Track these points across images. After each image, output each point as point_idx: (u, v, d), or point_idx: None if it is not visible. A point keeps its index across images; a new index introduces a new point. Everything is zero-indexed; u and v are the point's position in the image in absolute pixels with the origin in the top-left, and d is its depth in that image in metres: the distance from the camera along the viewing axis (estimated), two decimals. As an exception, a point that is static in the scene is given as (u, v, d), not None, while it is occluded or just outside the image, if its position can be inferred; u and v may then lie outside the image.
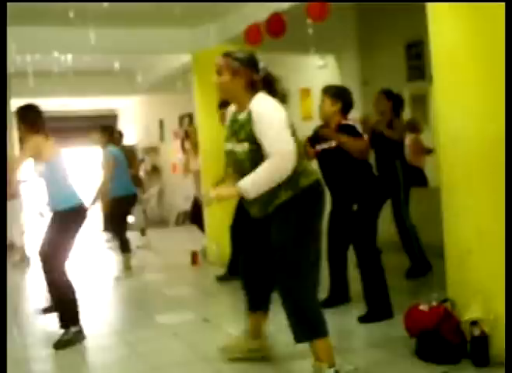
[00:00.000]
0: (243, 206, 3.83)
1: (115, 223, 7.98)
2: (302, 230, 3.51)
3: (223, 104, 5.48)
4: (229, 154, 3.64)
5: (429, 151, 7.68)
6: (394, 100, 6.39)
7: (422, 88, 7.56)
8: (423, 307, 3.94)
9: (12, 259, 8.69)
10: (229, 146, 3.63)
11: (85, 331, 4.87)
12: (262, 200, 3.50)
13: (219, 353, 4.07)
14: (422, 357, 3.84)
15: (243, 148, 3.50)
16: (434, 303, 3.93)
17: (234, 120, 3.65)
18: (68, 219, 4.85)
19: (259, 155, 3.43)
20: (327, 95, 4.98)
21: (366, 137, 5.05)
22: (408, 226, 6.23)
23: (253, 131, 3.41)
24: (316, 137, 5.09)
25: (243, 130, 3.49)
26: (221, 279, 6.72)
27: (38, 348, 4.81)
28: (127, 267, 7.75)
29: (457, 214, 3.88)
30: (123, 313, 5.95)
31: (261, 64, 3.62)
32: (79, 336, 4.77)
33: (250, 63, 3.58)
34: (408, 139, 7.45)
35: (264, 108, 3.44)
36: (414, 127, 7.84)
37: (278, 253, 3.52)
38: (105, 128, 8.07)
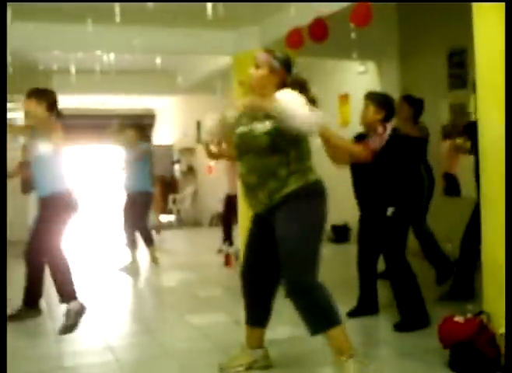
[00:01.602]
0: None
1: (135, 218, 7.97)
2: (310, 221, 3.53)
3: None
4: (241, 135, 3.66)
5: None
6: (416, 106, 6.31)
7: (463, 97, 7.48)
8: (458, 318, 3.88)
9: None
10: (243, 128, 3.66)
11: (115, 326, 4.90)
12: (269, 188, 3.52)
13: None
14: (456, 369, 3.78)
15: (264, 126, 3.53)
16: (469, 315, 3.87)
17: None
18: (57, 203, 4.95)
19: (276, 138, 3.47)
20: (371, 102, 4.93)
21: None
22: (426, 230, 6.16)
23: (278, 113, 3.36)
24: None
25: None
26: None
27: (69, 345, 4.85)
28: (154, 260, 7.83)
29: (495, 225, 3.82)
30: (155, 312, 5.97)
31: (295, 69, 3.73)
32: (81, 313, 4.87)
33: (287, 65, 3.70)
34: (444, 146, 7.37)
35: (288, 95, 3.46)
36: (450, 134, 7.74)
37: (285, 244, 3.50)
38: (138, 127, 8.14)
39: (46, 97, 5.10)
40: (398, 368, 4.00)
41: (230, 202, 8.90)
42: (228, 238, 8.83)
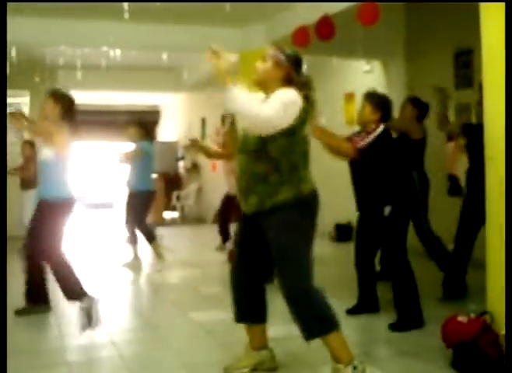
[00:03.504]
0: None
1: (135, 215, 7.98)
2: (302, 232, 3.53)
3: None
4: (244, 131, 3.67)
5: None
6: (421, 108, 6.24)
7: (469, 97, 7.46)
8: (462, 318, 3.88)
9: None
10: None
11: (119, 322, 4.90)
12: (262, 192, 3.50)
13: None
14: (459, 368, 3.78)
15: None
16: (473, 315, 3.87)
17: None
18: (56, 208, 4.97)
19: (265, 145, 3.46)
20: (369, 102, 4.94)
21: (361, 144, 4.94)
22: (429, 234, 6.14)
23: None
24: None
25: None
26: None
27: (72, 340, 4.86)
28: (159, 256, 7.84)
29: (500, 225, 3.81)
30: (158, 308, 5.98)
31: (305, 69, 3.68)
32: (94, 305, 4.83)
33: (295, 62, 3.65)
34: (448, 147, 7.35)
35: (283, 91, 3.47)
36: (453, 135, 7.73)
37: (278, 250, 3.51)
38: (142, 124, 8.13)
39: (62, 101, 5.12)
40: (401, 367, 4.00)
41: (229, 201, 8.95)
42: (225, 235, 8.87)
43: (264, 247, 3.62)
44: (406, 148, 5.93)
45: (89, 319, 4.75)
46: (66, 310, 5.36)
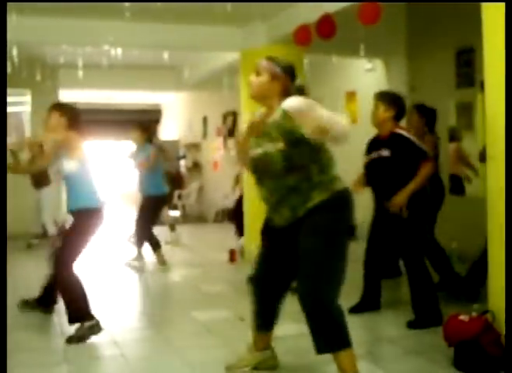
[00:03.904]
0: None
1: (143, 221, 7.94)
2: (334, 234, 3.42)
3: None
4: (257, 159, 3.54)
5: (469, 165, 7.55)
6: (428, 115, 6.16)
7: (470, 96, 7.46)
8: (463, 317, 3.88)
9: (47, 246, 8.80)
10: (258, 150, 3.51)
11: (121, 321, 4.90)
12: (292, 203, 3.44)
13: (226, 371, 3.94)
14: (460, 367, 3.79)
15: (276, 147, 3.40)
16: (474, 314, 3.87)
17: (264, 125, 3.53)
18: (87, 219, 4.88)
19: (292, 157, 3.37)
20: (381, 101, 4.93)
21: (429, 152, 4.90)
22: (436, 244, 6.07)
23: (290, 125, 3.32)
24: (370, 147, 5.05)
25: (277, 128, 3.40)
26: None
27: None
28: (161, 263, 7.80)
29: (502, 224, 3.81)
30: (160, 307, 5.98)
31: (298, 80, 3.61)
32: (94, 330, 4.72)
33: (290, 72, 3.58)
34: (450, 148, 7.34)
35: (297, 99, 3.36)
36: (454, 136, 7.73)
37: (310, 256, 3.39)
38: (144, 127, 8.04)
39: (67, 113, 5.06)
40: (403, 366, 4.00)
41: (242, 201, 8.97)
42: (240, 233, 8.85)
43: (289, 260, 3.56)
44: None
45: (79, 335, 4.68)
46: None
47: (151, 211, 7.86)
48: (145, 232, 7.84)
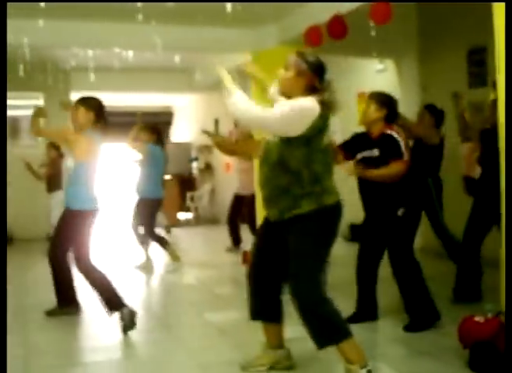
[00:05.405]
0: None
1: (143, 223, 7.94)
2: (321, 244, 3.52)
3: None
4: (265, 144, 3.65)
5: None
6: (437, 115, 6.39)
7: (482, 95, 7.41)
8: (479, 318, 3.85)
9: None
10: (269, 137, 3.65)
11: (137, 324, 4.92)
12: (281, 206, 3.51)
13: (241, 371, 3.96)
14: (475, 368, 3.75)
15: (275, 138, 3.55)
16: (490, 315, 3.84)
17: None
18: (81, 218, 4.98)
19: (283, 153, 3.46)
20: (373, 100, 4.89)
21: (406, 155, 4.73)
22: (451, 235, 6.17)
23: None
24: (356, 144, 4.99)
25: None
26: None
27: (87, 341, 4.90)
28: (175, 258, 7.84)
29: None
30: (173, 309, 5.98)
31: (328, 76, 3.63)
32: (133, 314, 4.85)
33: (318, 69, 3.59)
34: (465, 148, 7.30)
35: (299, 99, 3.46)
36: (469, 136, 7.70)
37: (297, 258, 3.50)
38: (153, 128, 8.07)
39: (94, 107, 5.11)
40: (416, 367, 3.97)
41: (237, 202, 8.99)
42: (236, 237, 8.88)
43: (283, 250, 3.61)
44: (422, 154, 5.95)
45: (127, 324, 4.77)
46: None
47: (147, 214, 7.86)
48: (149, 236, 7.86)
